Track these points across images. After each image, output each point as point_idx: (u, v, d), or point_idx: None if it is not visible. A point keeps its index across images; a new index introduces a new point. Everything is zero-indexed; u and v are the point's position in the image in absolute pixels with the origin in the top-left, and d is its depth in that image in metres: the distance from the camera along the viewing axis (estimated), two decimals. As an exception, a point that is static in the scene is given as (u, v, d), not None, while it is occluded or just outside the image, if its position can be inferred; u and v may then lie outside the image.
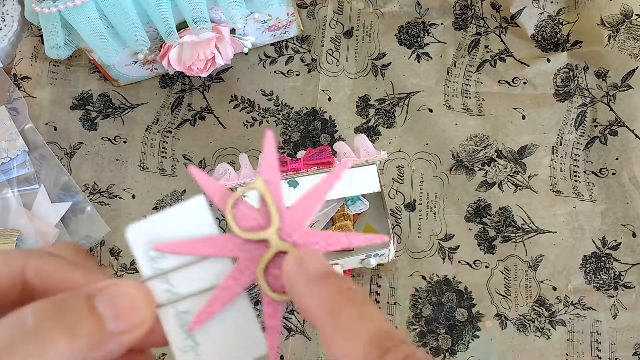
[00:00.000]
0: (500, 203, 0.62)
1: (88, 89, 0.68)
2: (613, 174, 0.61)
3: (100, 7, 0.51)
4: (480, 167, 0.63)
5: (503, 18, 0.67)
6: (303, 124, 0.66)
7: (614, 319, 0.58)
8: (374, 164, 0.54)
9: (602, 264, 0.60)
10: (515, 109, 0.64)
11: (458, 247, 0.61)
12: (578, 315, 0.59)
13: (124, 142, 0.66)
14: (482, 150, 0.63)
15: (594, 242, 0.60)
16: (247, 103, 0.67)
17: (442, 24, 0.68)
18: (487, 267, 0.60)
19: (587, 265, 0.60)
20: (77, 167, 0.66)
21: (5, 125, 0.64)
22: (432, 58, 0.67)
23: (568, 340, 0.58)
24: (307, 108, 0.66)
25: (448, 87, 0.66)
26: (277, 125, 0.66)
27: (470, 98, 0.65)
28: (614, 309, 0.58)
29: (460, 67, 0.66)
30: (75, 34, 0.54)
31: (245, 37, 0.62)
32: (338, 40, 0.68)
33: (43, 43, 0.55)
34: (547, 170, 0.62)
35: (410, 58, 0.67)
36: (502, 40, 0.67)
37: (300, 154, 0.58)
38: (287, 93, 0.67)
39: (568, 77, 0.64)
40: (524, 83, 0.65)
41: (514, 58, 0.66)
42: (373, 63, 0.67)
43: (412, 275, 0.61)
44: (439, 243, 0.61)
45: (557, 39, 0.66)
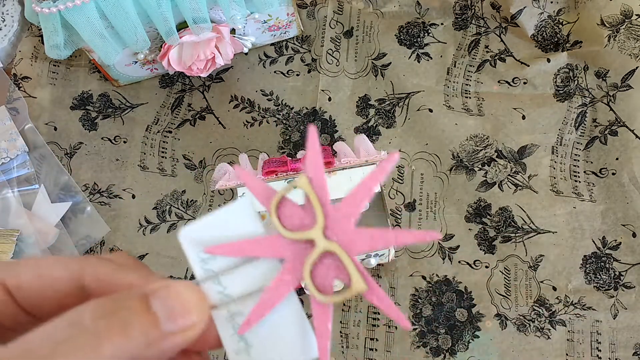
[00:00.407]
0: (500, 203, 0.62)
1: (88, 89, 0.68)
2: (613, 174, 0.61)
3: (100, 7, 0.51)
4: (480, 167, 0.63)
5: (503, 18, 0.67)
6: (303, 124, 0.66)
7: (614, 319, 0.58)
8: (374, 164, 0.54)
9: (602, 264, 0.60)
10: (515, 109, 0.64)
11: (458, 247, 0.61)
12: (578, 315, 0.59)
13: (124, 142, 0.66)
14: (482, 150, 0.64)
15: (594, 242, 0.60)
16: (247, 103, 0.67)
17: (442, 24, 0.68)
18: (487, 267, 0.60)
19: (587, 265, 0.60)
20: (77, 167, 0.66)
21: (5, 125, 0.64)
22: (432, 58, 0.67)
23: (568, 340, 0.58)
24: (307, 108, 0.66)
25: (448, 87, 0.66)
26: (277, 125, 0.66)
27: (470, 98, 0.65)
28: (614, 309, 0.58)
29: (460, 67, 0.66)
30: (75, 34, 0.54)
31: (245, 37, 0.62)
32: (338, 40, 0.68)
33: (43, 43, 0.55)
34: (547, 170, 0.62)
35: (410, 58, 0.67)
36: (502, 40, 0.67)
37: (301, 154, 0.58)
38: (287, 93, 0.67)
39: (568, 77, 0.64)
40: (524, 83, 0.65)
41: (514, 58, 0.66)
42: (373, 63, 0.67)
43: (412, 275, 0.61)
44: (439, 243, 0.61)
45: (557, 39, 0.66)
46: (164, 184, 0.65)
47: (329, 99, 0.66)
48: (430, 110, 0.65)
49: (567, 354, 0.58)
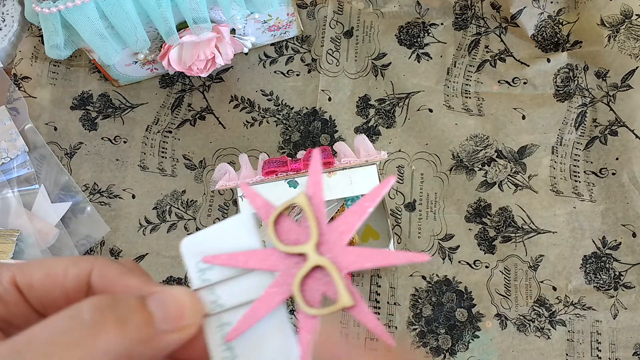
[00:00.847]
0: (500, 203, 0.62)
1: (88, 89, 0.68)
2: (613, 174, 0.61)
3: (101, 7, 0.51)
4: (480, 167, 0.63)
5: (503, 18, 0.67)
6: (303, 124, 0.66)
7: (614, 319, 0.58)
8: (374, 164, 0.54)
9: (602, 264, 0.60)
10: (515, 109, 0.64)
11: (458, 247, 0.61)
12: (578, 315, 0.59)
13: (124, 142, 0.66)
14: (482, 150, 0.64)
15: (594, 242, 0.60)
16: (247, 103, 0.67)
17: (442, 24, 0.68)
18: (487, 267, 0.60)
19: (587, 265, 0.60)
20: (77, 167, 0.66)
21: (6, 126, 0.64)
22: (432, 58, 0.67)
23: (568, 340, 0.58)
24: (307, 108, 0.66)
25: (448, 87, 0.66)
26: (277, 125, 0.66)
27: (470, 98, 0.65)
28: (614, 309, 0.58)
29: (460, 67, 0.66)
30: (76, 34, 0.54)
31: (245, 37, 0.62)
32: (338, 40, 0.68)
33: (43, 43, 0.55)
34: (547, 170, 0.62)
35: (410, 58, 0.67)
36: (502, 40, 0.67)
37: (300, 154, 0.58)
38: (287, 93, 0.67)
39: (568, 77, 0.64)
40: (524, 83, 0.65)
41: (514, 58, 0.66)
42: (373, 63, 0.67)
43: (412, 275, 0.61)
44: (439, 243, 0.61)
45: (557, 39, 0.66)
46: (164, 184, 0.65)
47: (329, 99, 0.66)
48: (430, 110, 0.65)
49: (567, 354, 0.58)
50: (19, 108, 0.65)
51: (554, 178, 0.62)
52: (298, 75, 0.67)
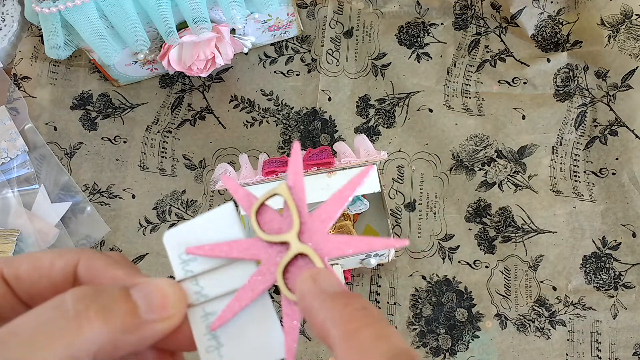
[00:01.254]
0: (500, 203, 0.62)
1: (88, 89, 0.68)
2: (613, 174, 0.61)
3: (101, 7, 0.51)
4: (480, 167, 0.63)
5: (503, 18, 0.67)
6: (303, 124, 0.66)
7: (614, 319, 0.58)
8: (374, 164, 0.54)
9: (602, 264, 0.60)
10: (515, 109, 0.64)
11: (458, 247, 0.61)
12: (578, 315, 0.59)
13: (124, 142, 0.66)
14: (482, 150, 0.64)
15: (594, 242, 0.60)
16: (247, 103, 0.67)
17: (442, 24, 0.68)
18: (487, 267, 0.60)
19: (587, 265, 0.60)
20: (77, 167, 0.66)
21: (5, 125, 0.64)
22: (432, 58, 0.67)
23: (568, 340, 0.58)
24: (307, 108, 0.66)
25: (448, 87, 0.66)
26: (277, 125, 0.66)
27: (470, 98, 0.65)
28: (614, 309, 0.58)
29: (460, 67, 0.66)
30: (75, 34, 0.54)
31: (245, 37, 0.62)
32: (338, 40, 0.68)
33: (43, 43, 0.55)
34: (547, 170, 0.62)
35: (410, 58, 0.67)
36: (502, 40, 0.67)
37: (301, 154, 0.58)
38: (287, 93, 0.67)
39: (568, 77, 0.64)
40: (524, 83, 0.65)
41: (514, 58, 0.66)
42: (373, 63, 0.67)
43: (412, 275, 0.61)
44: (439, 243, 0.61)
45: (557, 39, 0.66)
46: (164, 184, 0.65)
47: (329, 99, 0.66)
48: (430, 110, 0.65)
49: (567, 354, 0.58)
50: (19, 108, 0.65)
51: (554, 178, 0.62)
52: (298, 75, 0.67)
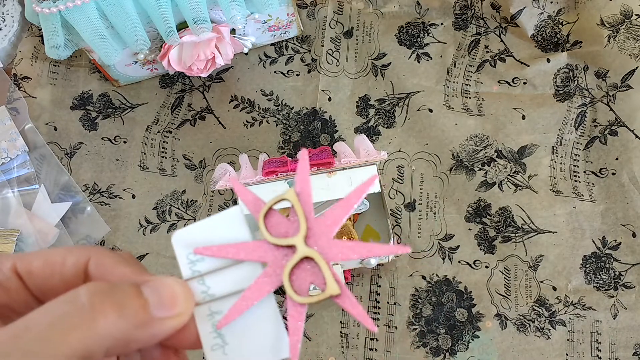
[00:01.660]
0: (500, 203, 0.62)
1: (88, 89, 0.68)
2: (613, 174, 0.61)
3: (101, 7, 0.51)
4: (480, 167, 0.63)
5: (503, 18, 0.67)
6: (303, 124, 0.66)
7: (614, 319, 0.58)
8: (374, 164, 0.54)
9: (602, 264, 0.60)
10: (515, 109, 0.64)
11: (458, 247, 0.61)
12: (578, 315, 0.59)
13: (124, 142, 0.66)
14: (482, 150, 0.64)
15: (594, 242, 0.60)
16: (247, 103, 0.67)
17: (442, 24, 0.68)
18: (487, 267, 0.60)
19: (587, 265, 0.60)
20: (77, 167, 0.66)
21: (6, 126, 0.64)
22: (432, 58, 0.67)
23: (568, 340, 0.58)
24: (307, 108, 0.66)
25: (448, 87, 0.66)
26: (277, 125, 0.66)
27: (470, 98, 0.65)
28: (614, 309, 0.58)
29: (460, 67, 0.66)
30: (76, 34, 0.54)
31: (246, 37, 0.62)
32: (338, 41, 0.68)
33: (43, 43, 0.55)
34: (547, 170, 0.62)
35: (410, 58, 0.67)
36: (502, 41, 0.67)
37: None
38: (287, 93, 0.67)
39: (568, 77, 0.64)
40: (524, 83, 0.65)
41: (514, 58, 0.66)
42: (373, 63, 0.67)
43: (412, 275, 0.61)
44: (439, 243, 0.61)
45: (557, 39, 0.66)
46: (164, 184, 0.65)
47: (329, 99, 0.66)
48: (430, 110, 0.65)
49: (567, 354, 0.58)
50: (19, 108, 0.65)
51: (554, 178, 0.62)
52: (298, 75, 0.67)
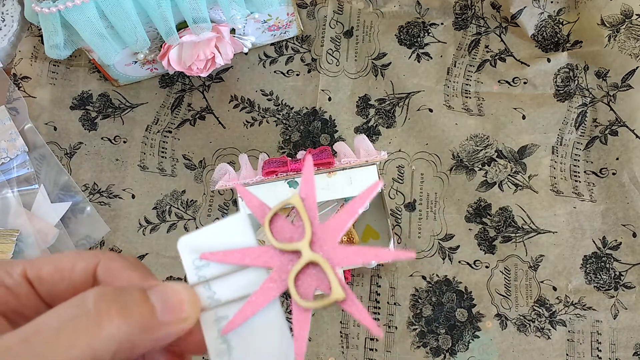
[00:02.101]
0: (501, 203, 0.62)
1: (88, 89, 0.68)
2: (613, 174, 0.61)
3: (100, 7, 0.51)
4: (481, 167, 0.63)
5: (503, 18, 0.67)
6: (303, 124, 0.66)
7: (614, 319, 0.58)
8: (374, 164, 0.54)
9: (602, 264, 0.60)
10: (516, 109, 0.64)
11: (458, 247, 0.61)
12: (578, 316, 0.59)
13: (124, 142, 0.66)
14: (482, 150, 0.63)
15: (594, 242, 0.60)
16: (247, 103, 0.67)
17: (442, 24, 0.68)
18: (487, 267, 0.60)
19: (587, 266, 0.60)
20: (77, 167, 0.66)
21: (5, 125, 0.64)
22: (432, 58, 0.67)
23: (568, 341, 0.58)
24: (307, 108, 0.66)
25: (448, 87, 0.66)
26: (277, 125, 0.66)
27: (471, 98, 0.65)
28: (614, 309, 0.58)
29: (461, 67, 0.66)
30: (75, 34, 0.54)
31: (245, 37, 0.62)
32: (338, 40, 0.68)
33: (43, 43, 0.55)
34: (547, 170, 0.62)
35: (410, 58, 0.67)
36: (502, 40, 0.67)
37: (300, 154, 0.58)
38: (287, 93, 0.67)
39: (568, 77, 0.64)
40: (524, 83, 0.65)
41: (514, 58, 0.66)
42: (373, 63, 0.67)
43: (412, 275, 0.61)
44: (439, 243, 0.61)
45: (557, 39, 0.66)
46: (164, 184, 0.65)
47: (329, 99, 0.66)
48: (430, 110, 0.65)
49: (567, 354, 0.58)
50: (19, 108, 0.65)
51: (554, 178, 0.62)
52: (298, 75, 0.67)
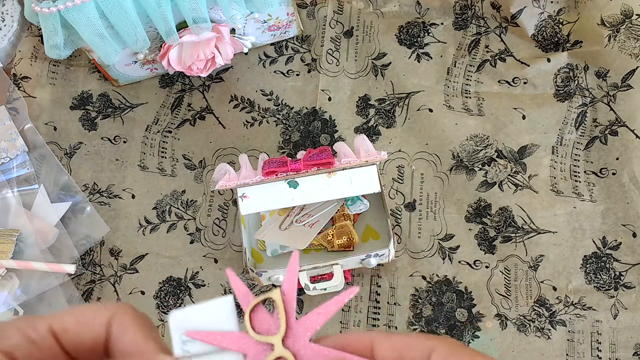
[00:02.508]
0: (501, 203, 0.62)
1: (88, 89, 0.68)
2: (613, 174, 0.61)
3: (100, 6, 0.51)
4: (481, 167, 0.63)
5: (503, 18, 0.67)
6: (303, 124, 0.66)
7: (614, 319, 0.58)
8: (374, 165, 0.54)
9: (602, 264, 0.60)
10: (516, 109, 0.64)
11: (458, 247, 0.61)
12: (578, 316, 0.59)
13: (124, 142, 0.66)
14: (482, 150, 0.63)
15: (594, 242, 0.60)
16: (247, 103, 0.67)
17: (442, 24, 0.68)
18: (487, 267, 0.60)
19: (587, 266, 0.60)
20: (76, 167, 0.66)
21: (5, 125, 0.64)
22: (432, 58, 0.67)
23: (568, 341, 0.58)
24: (307, 108, 0.66)
25: (448, 87, 0.66)
26: (277, 125, 0.66)
27: (471, 98, 0.65)
28: (614, 309, 0.58)
29: (461, 67, 0.66)
30: (75, 34, 0.54)
31: (245, 37, 0.62)
32: (338, 40, 0.68)
33: (43, 43, 0.55)
34: (547, 170, 0.62)
35: (411, 58, 0.67)
36: (502, 40, 0.67)
37: (300, 154, 0.58)
38: (287, 93, 0.67)
39: (568, 77, 0.64)
40: (524, 83, 0.65)
41: (514, 58, 0.66)
42: (373, 63, 0.67)
43: (412, 275, 0.61)
44: (439, 243, 0.61)
45: (557, 39, 0.66)
46: (164, 184, 0.65)
47: (329, 99, 0.66)
48: (430, 110, 0.65)
49: (567, 354, 0.58)
50: (19, 108, 0.65)
51: (554, 178, 0.62)
52: (298, 75, 0.67)
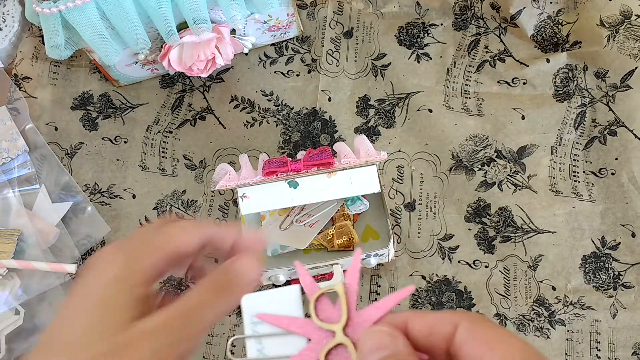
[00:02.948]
0: (500, 203, 0.62)
1: (89, 89, 0.68)
2: (612, 174, 0.61)
3: (101, 7, 0.52)
4: (480, 167, 0.63)
5: (503, 18, 0.67)
6: (303, 124, 0.66)
7: (613, 319, 0.58)
8: (374, 165, 0.54)
9: (601, 264, 0.60)
10: (515, 109, 0.64)
11: (458, 247, 0.61)
12: (577, 315, 0.59)
13: (125, 142, 0.67)
14: (481, 151, 0.64)
15: (594, 242, 0.60)
16: (247, 103, 0.67)
17: (441, 25, 0.68)
18: (486, 267, 0.61)
19: (586, 265, 0.60)
20: (77, 167, 0.66)
21: (6, 126, 0.64)
22: (432, 58, 0.67)
23: (567, 340, 0.58)
24: (307, 108, 0.66)
25: (448, 87, 0.66)
26: (277, 126, 0.66)
27: (470, 98, 0.65)
28: (613, 309, 0.59)
29: (460, 67, 0.66)
30: (76, 35, 0.54)
31: (246, 37, 0.62)
32: (338, 41, 0.68)
33: (44, 43, 0.55)
34: (546, 171, 0.63)
35: (410, 58, 0.67)
36: (501, 41, 0.67)
37: (301, 155, 0.59)
38: (287, 93, 0.67)
39: (567, 77, 0.65)
40: (524, 83, 0.65)
41: (514, 58, 0.66)
42: (373, 63, 0.67)
43: (412, 275, 0.61)
44: (439, 243, 0.62)
45: (556, 40, 0.66)
46: (165, 184, 0.65)
47: (329, 99, 0.66)
48: (430, 111, 0.65)
49: (566, 354, 0.58)
50: (20, 108, 0.65)
51: (554, 178, 0.62)
52: (298, 76, 0.67)
